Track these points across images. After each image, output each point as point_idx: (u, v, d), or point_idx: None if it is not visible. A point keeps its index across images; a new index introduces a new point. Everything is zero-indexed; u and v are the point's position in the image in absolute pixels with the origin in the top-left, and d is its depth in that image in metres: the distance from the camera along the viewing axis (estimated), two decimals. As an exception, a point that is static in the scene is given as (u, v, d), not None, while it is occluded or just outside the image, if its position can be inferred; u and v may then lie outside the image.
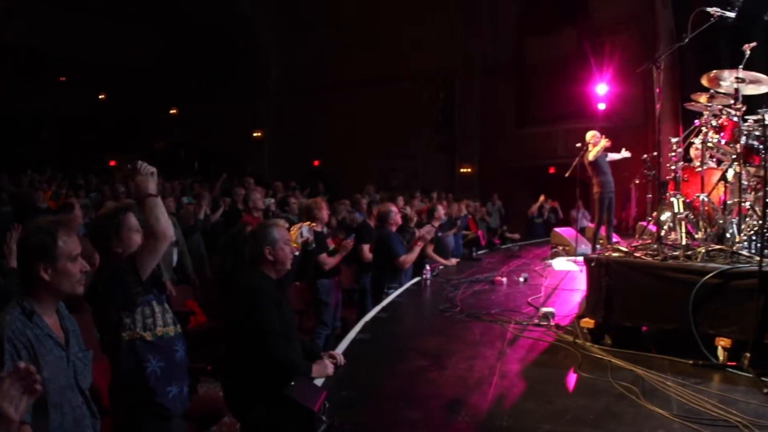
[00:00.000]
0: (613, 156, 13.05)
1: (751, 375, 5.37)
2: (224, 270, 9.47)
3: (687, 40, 7.46)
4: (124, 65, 30.00)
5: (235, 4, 30.29)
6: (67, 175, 19.36)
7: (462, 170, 28.88)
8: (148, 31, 30.38)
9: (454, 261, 12.72)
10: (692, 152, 8.41)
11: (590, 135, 12.90)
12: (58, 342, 3.59)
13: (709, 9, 7.19)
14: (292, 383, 4.59)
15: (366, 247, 10.38)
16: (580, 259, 10.83)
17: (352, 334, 7.18)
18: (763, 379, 5.25)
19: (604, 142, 12.52)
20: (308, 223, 6.34)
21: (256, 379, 4.97)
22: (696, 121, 7.98)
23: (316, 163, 31.24)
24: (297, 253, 5.81)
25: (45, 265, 3.52)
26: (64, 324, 3.71)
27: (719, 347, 5.74)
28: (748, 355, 5.48)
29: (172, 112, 34.20)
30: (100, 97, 32.79)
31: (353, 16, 28.87)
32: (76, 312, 4.02)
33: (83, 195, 15.20)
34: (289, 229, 5.72)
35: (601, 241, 12.91)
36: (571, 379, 5.64)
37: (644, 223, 10.73)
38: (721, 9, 7.21)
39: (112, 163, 26.94)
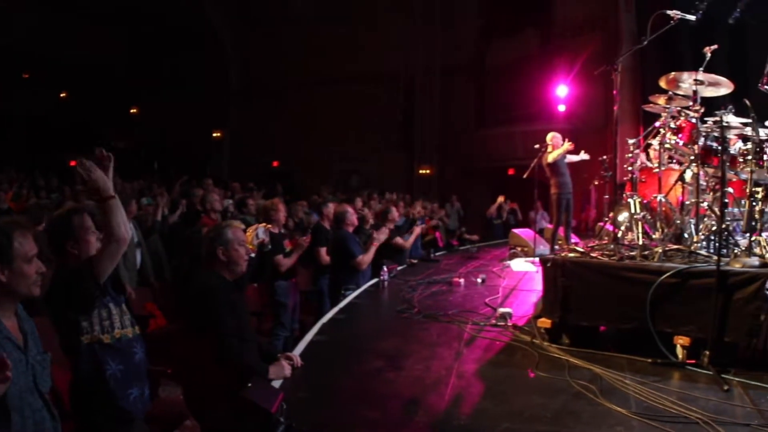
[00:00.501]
0: (572, 158, 13.07)
1: (711, 372, 5.37)
2: (181, 272, 9.38)
3: (646, 42, 7.50)
4: (85, 64, 29.65)
5: (194, 4, 30.02)
6: (29, 176, 19.05)
7: (421, 171, 28.93)
8: (110, 30, 30.06)
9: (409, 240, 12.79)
10: (650, 153, 8.42)
11: (550, 136, 12.95)
12: (17, 345, 3.50)
13: (669, 12, 7.20)
14: (249, 385, 4.52)
15: (322, 250, 10.34)
16: (538, 260, 10.87)
17: (309, 335, 7.10)
18: (723, 376, 5.26)
19: (567, 146, 12.54)
20: (264, 224, 6.27)
21: (213, 380, 4.90)
22: (656, 122, 8.00)
23: (275, 163, 31.13)
24: (253, 255, 5.74)
25: (1, 266, 3.46)
26: (22, 326, 3.62)
27: (678, 345, 5.76)
28: (708, 353, 5.49)
29: (132, 111, 33.83)
30: (61, 95, 32.38)
31: (313, 16, 28.80)
32: (35, 315, 3.93)
33: (44, 196, 14.97)
34: (245, 231, 5.65)
35: (559, 242, 12.93)
36: (529, 378, 5.62)
37: (603, 224, 10.77)
38: (682, 12, 7.22)
39: (73, 163, 26.60)
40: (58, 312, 4.28)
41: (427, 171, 28.76)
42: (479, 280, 10.65)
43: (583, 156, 13.13)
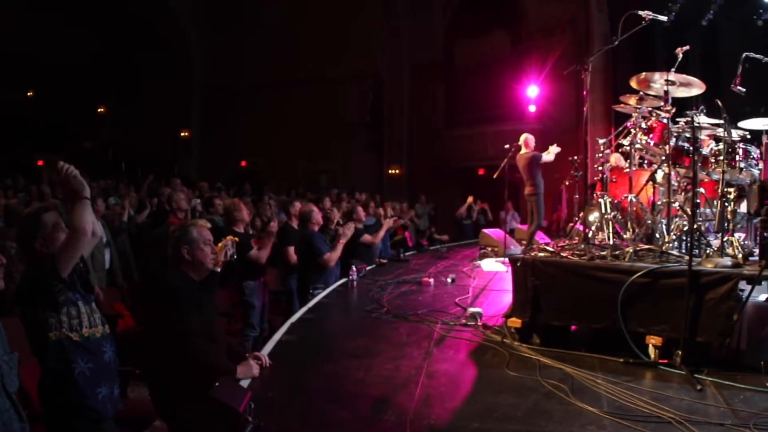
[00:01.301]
0: (546, 158, 13.02)
1: (683, 372, 5.36)
2: (147, 272, 9.29)
3: (616, 42, 7.52)
4: (53, 63, 29.32)
5: (163, 3, 29.82)
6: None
7: (390, 171, 28.86)
8: (77, 29, 29.76)
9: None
10: (621, 153, 8.42)
11: (523, 138, 12.97)
12: None
13: (641, 12, 7.20)
14: (217, 384, 4.44)
15: (291, 249, 10.28)
16: (508, 259, 10.85)
17: (278, 335, 7.06)
18: (696, 376, 5.25)
19: (554, 150, 12.61)
20: (229, 237, 6.15)
21: (181, 380, 4.83)
22: (628, 123, 7.99)
23: (243, 163, 30.98)
24: (218, 270, 5.61)
25: None
26: None
27: (650, 345, 5.75)
28: (680, 352, 5.48)
29: (100, 110, 33.55)
30: (28, 94, 32.05)
31: (280, 15, 28.67)
32: (2, 315, 3.85)
33: (11, 195, 14.79)
34: (216, 243, 5.55)
35: (523, 242, 12.96)
36: (499, 377, 5.56)
37: (574, 224, 10.76)
38: (654, 13, 7.22)
39: (40, 162, 26.31)
40: (26, 309, 4.26)
41: (397, 171, 28.68)
42: (449, 280, 10.65)
43: (554, 149, 13.02)
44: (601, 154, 8.16)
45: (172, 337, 4.93)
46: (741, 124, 7.73)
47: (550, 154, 13.02)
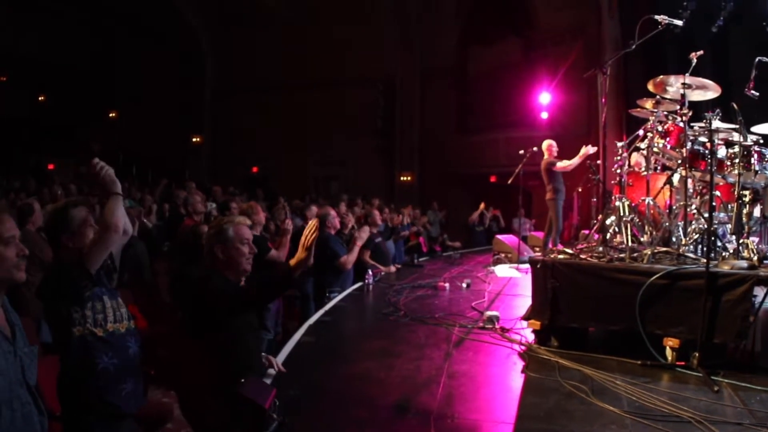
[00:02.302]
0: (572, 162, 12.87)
1: (700, 374, 5.41)
2: (174, 274, 9.32)
3: (634, 46, 7.55)
4: (64, 66, 29.48)
5: (174, 7, 29.90)
6: (5, 177, 18.87)
7: (402, 178, 28.78)
8: (89, 32, 29.93)
9: (393, 268, 12.59)
10: (636, 157, 8.44)
11: (546, 144, 12.99)
12: (6, 336, 3.45)
13: (657, 17, 7.24)
14: (243, 381, 4.47)
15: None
16: (523, 266, 10.88)
17: (296, 336, 7.10)
18: (713, 377, 5.30)
19: (584, 151, 12.49)
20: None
21: (207, 379, 4.78)
22: (643, 127, 8.02)
23: (254, 169, 30.90)
24: None
25: None
26: (9, 318, 3.56)
27: (667, 347, 5.79)
28: (697, 354, 5.53)
29: (111, 115, 33.65)
30: (39, 98, 32.16)
31: (292, 20, 28.56)
32: (18, 313, 3.88)
33: (24, 197, 14.83)
34: None
35: (536, 248, 12.96)
36: (519, 379, 5.60)
37: (586, 231, 10.76)
38: (669, 17, 7.27)
39: (51, 166, 26.37)
40: (50, 304, 4.25)
41: (408, 177, 28.63)
42: (464, 285, 10.65)
43: (588, 150, 12.76)
44: (618, 158, 8.18)
45: (206, 332, 4.80)
46: (755, 128, 7.76)
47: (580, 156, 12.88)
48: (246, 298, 4.88)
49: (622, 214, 7.31)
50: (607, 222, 7.48)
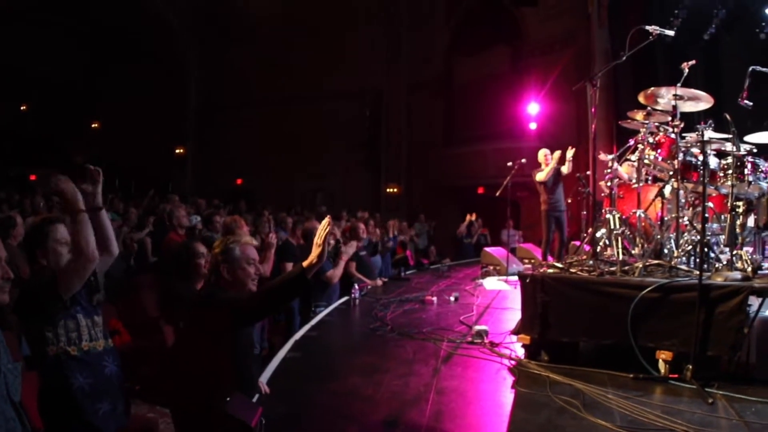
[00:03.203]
0: (563, 169, 12.85)
1: (694, 386, 5.34)
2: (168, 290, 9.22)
3: (624, 57, 7.51)
4: (46, 77, 29.47)
5: (159, 19, 29.94)
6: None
7: (388, 190, 28.73)
8: (71, 43, 29.91)
9: (379, 282, 12.54)
10: (627, 169, 8.39)
11: (542, 154, 12.96)
12: None
13: (648, 27, 7.19)
14: (229, 399, 4.37)
15: (290, 266, 10.16)
16: (512, 278, 10.80)
17: (282, 352, 7.06)
18: (707, 390, 5.23)
19: (553, 163, 12.48)
20: None
21: (196, 396, 4.68)
22: (631, 139, 7.97)
23: (238, 181, 30.92)
24: None
25: None
26: None
27: (660, 360, 5.73)
28: (691, 367, 5.47)
29: (94, 126, 33.59)
30: (21, 108, 32.11)
31: (276, 33, 28.65)
32: (2, 328, 3.79)
33: (6, 209, 14.71)
34: None
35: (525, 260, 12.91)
36: (510, 394, 5.52)
37: (577, 243, 10.70)
38: (660, 27, 7.22)
39: (33, 177, 26.31)
40: (24, 321, 4.21)
41: (395, 189, 28.58)
42: (452, 299, 10.61)
43: (568, 154, 12.72)
44: (609, 170, 8.13)
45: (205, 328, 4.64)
46: (747, 138, 7.73)
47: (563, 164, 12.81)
48: (256, 303, 4.68)
49: (612, 226, 7.25)
50: (598, 235, 7.41)
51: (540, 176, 12.61)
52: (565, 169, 12.70)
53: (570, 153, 12.62)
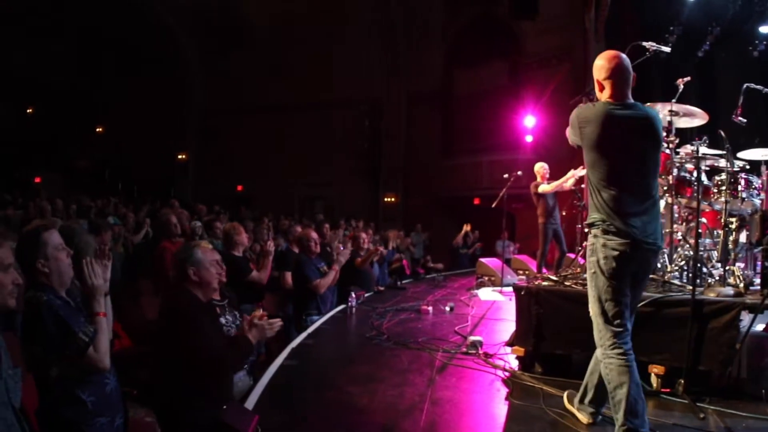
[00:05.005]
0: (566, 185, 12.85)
1: (686, 401, 5.39)
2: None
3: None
4: (52, 83, 29.46)
5: (161, 25, 30.03)
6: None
7: (386, 199, 28.81)
8: (76, 49, 29.92)
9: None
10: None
11: (538, 167, 12.98)
12: None
13: (645, 43, 7.22)
14: (225, 407, 4.41)
15: (287, 274, 10.19)
16: (507, 289, 10.83)
17: (279, 360, 7.08)
18: (698, 404, 5.27)
19: (570, 177, 12.45)
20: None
21: (188, 404, 4.74)
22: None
23: (239, 188, 30.99)
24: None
25: None
26: None
27: (652, 374, 5.78)
28: (683, 381, 5.52)
29: (98, 130, 33.61)
30: (27, 112, 32.10)
31: (278, 41, 28.80)
32: (5, 330, 3.81)
33: (12, 212, 14.71)
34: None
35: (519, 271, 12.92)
36: (504, 406, 5.57)
37: (572, 255, 10.73)
38: (656, 43, 7.25)
39: (37, 179, 26.32)
40: (27, 342, 4.12)
41: (392, 199, 28.67)
42: (447, 309, 10.65)
43: (577, 173, 12.72)
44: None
45: (182, 353, 4.81)
46: (740, 154, 7.78)
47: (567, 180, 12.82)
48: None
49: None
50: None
51: (545, 188, 12.61)
52: (568, 184, 12.74)
53: (582, 172, 12.61)
